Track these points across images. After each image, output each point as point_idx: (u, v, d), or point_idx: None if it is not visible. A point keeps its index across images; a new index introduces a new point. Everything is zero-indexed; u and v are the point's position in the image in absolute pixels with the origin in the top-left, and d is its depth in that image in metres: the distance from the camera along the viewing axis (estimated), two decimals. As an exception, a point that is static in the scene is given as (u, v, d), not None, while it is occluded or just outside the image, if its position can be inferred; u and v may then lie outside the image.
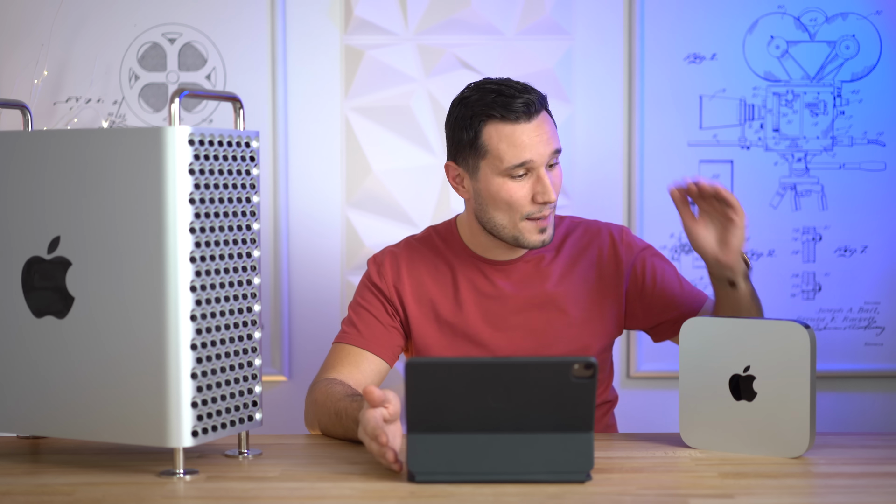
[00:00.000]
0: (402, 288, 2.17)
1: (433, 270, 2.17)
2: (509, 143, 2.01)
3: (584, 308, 2.15)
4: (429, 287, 2.16)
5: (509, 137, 2.02)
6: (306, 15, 2.83)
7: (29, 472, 1.74)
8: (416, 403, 1.59)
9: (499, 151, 2.02)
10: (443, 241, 2.20)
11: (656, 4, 2.80)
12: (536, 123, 2.02)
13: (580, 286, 2.16)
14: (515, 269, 2.15)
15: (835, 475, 1.68)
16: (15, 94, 2.78)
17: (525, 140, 2.01)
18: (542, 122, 2.04)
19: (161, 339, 1.63)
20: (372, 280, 2.19)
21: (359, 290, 2.22)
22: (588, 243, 2.19)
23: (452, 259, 2.17)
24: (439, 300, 2.15)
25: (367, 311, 2.17)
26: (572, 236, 2.20)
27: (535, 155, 2.01)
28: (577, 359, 1.57)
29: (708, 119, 2.81)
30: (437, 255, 2.18)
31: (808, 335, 1.73)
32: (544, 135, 2.02)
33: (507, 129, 2.02)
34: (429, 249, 2.19)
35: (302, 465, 1.76)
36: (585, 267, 2.17)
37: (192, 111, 2.84)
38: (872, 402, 2.86)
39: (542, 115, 2.05)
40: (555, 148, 2.05)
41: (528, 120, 2.01)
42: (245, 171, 1.73)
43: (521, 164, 2.01)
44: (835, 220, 2.82)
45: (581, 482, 1.62)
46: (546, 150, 2.03)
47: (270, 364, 2.85)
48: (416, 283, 2.17)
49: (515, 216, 2.05)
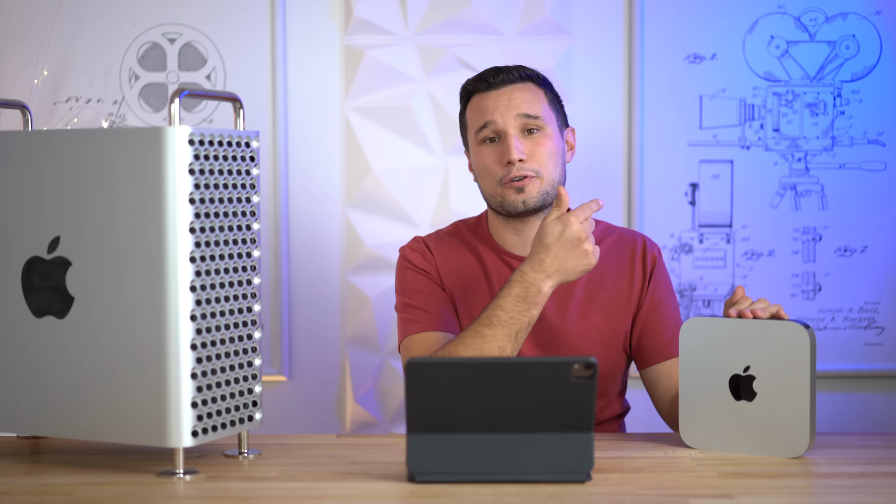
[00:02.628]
0: (441, 271, 2.18)
1: (464, 260, 2.19)
2: (476, 109, 2.13)
3: (607, 316, 2.14)
4: (462, 274, 2.18)
5: (477, 104, 2.14)
6: (306, 15, 2.83)
7: (29, 472, 1.74)
8: (416, 403, 1.59)
9: (472, 119, 2.15)
10: (472, 233, 2.22)
11: (656, 4, 2.80)
12: (505, 90, 2.11)
13: (607, 294, 2.15)
14: None
15: (835, 475, 1.68)
16: (15, 94, 2.78)
17: (489, 104, 2.11)
18: (515, 90, 2.11)
19: (161, 339, 1.63)
20: (415, 263, 2.18)
21: (403, 279, 2.18)
22: (620, 253, 2.18)
23: (482, 250, 2.19)
24: (471, 287, 2.16)
25: (424, 293, 2.15)
26: (604, 243, 2.19)
27: (497, 116, 2.10)
28: (577, 359, 1.57)
29: (708, 119, 2.81)
30: (467, 245, 2.21)
31: (808, 335, 1.73)
32: (512, 100, 2.10)
33: (477, 97, 2.14)
34: (459, 240, 2.22)
35: (302, 465, 1.76)
36: (614, 277, 2.16)
37: (192, 111, 2.84)
38: (872, 402, 2.86)
39: (519, 85, 2.12)
40: (522, 111, 2.09)
41: (498, 87, 2.12)
42: (245, 171, 1.73)
43: (484, 125, 2.11)
44: (835, 220, 2.82)
45: (581, 482, 1.62)
46: (509, 113, 2.09)
47: (270, 364, 2.85)
48: (449, 269, 2.18)
49: (493, 182, 2.11)
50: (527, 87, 2.12)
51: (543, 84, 2.16)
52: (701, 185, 2.82)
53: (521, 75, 2.13)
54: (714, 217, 2.82)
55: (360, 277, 2.84)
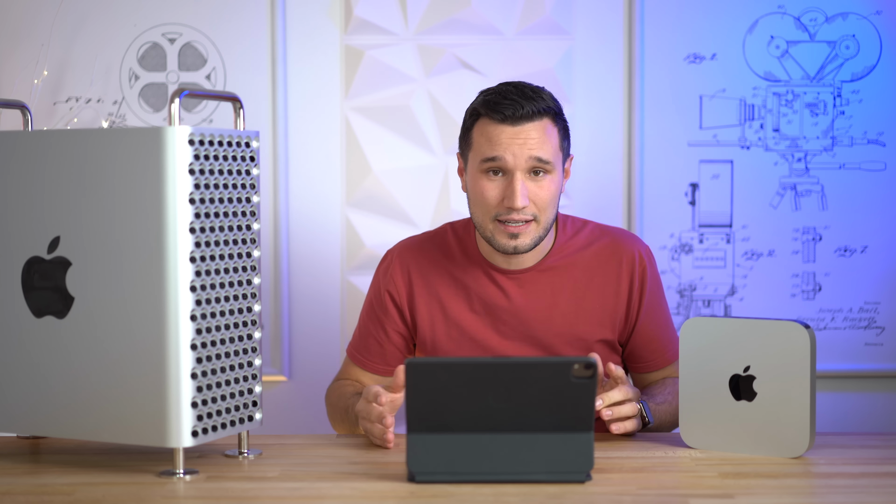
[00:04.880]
0: (411, 287, 2.18)
1: (443, 272, 2.17)
2: (487, 138, 2.06)
3: (596, 325, 2.13)
4: (438, 288, 2.16)
5: (489, 134, 2.06)
6: (306, 15, 2.83)
7: (29, 472, 1.74)
8: (416, 403, 1.59)
9: (479, 145, 2.07)
10: (458, 242, 2.19)
11: (656, 4, 2.80)
12: (522, 128, 2.03)
13: (594, 303, 2.13)
14: (527, 279, 2.13)
15: (835, 475, 1.68)
16: (15, 94, 2.78)
17: (502, 139, 2.04)
18: (531, 129, 2.03)
19: (161, 339, 1.63)
20: (379, 278, 2.23)
21: (371, 287, 2.26)
22: (608, 259, 2.15)
23: (465, 263, 2.17)
24: (449, 302, 2.15)
25: (373, 321, 2.22)
26: (593, 248, 2.16)
27: (508, 154, 2.03)
28: (577, 359, 1.57)
29: (708, 119, 2.81)
30: (451, 258, 2.18)
31: (808, 335, 1.73)
32: (526, 140, 2.03)
33: (490, 126, 2.06)
34: (442, 252, 2.19)
35: (302, 465, 1.76)
36: (600, 284, 2.14)
37: (192, 111, 2.84)
38: (872, 402, 2.86)
39: (535, 123, 2.04)
40: (535, 155, 2.02)
41: (513, 123, 2.03)
42: (245, 171, 1.73)
43: (492, 158, 2.04)
44: (835, 220, 2.82)
45: (581, 482, 1.62)
46: (521, 153, 2.03)
47: (270, 364, 2.85)
48: (426, 282, 2.17)
49: (487, 215, 2.07)
50: (543, 125, 2.04)
51: (558, 119, 2.08)
52: (701, 185, 2.82)
53: (539, 109, 2.04)
54: (714, 217, 2.82)
55: (360, 277, 2.84)
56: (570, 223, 2.19)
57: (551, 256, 2.14)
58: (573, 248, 2.15)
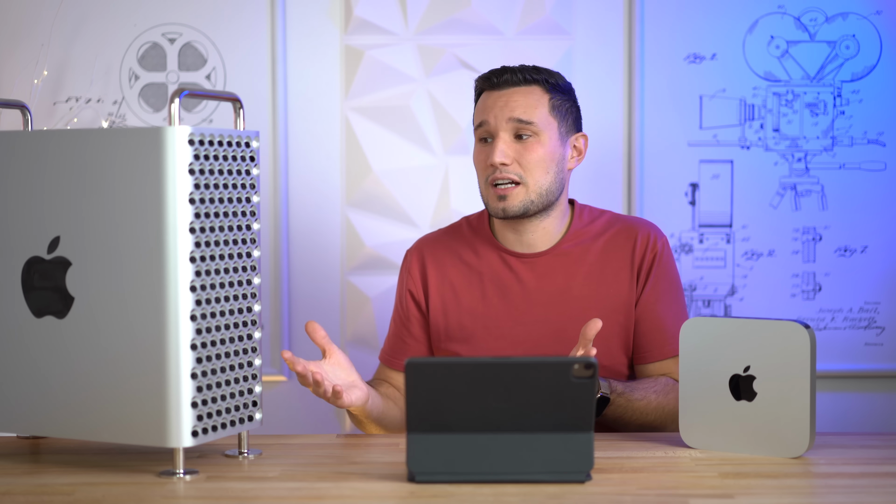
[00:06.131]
0: (426, 278, 2.23)
1: (458, 261, 2.21)
2: (479, 106, 2.16)
3: (610, 311, 2.13)
4: (452, 276, 2.20)
5: (481, 102, 2.16)
6: (306, 15, 2.83)
7: (29, 472, 1.74)
8: (416, 403, 1.59)
9: (474, 115, 2.18)
10: (473, 230, 2.24)
11: (656, 4, 2.80)
12: (505, 92, 2.12)
13: (609, 290, 2.14)
14: (540, 263, 2.16)
15: (835, 475, 1.68)
16: (15, 94, 2.78)
17: (488, 103, 2.13)
18: (515, 93, 2.11)
19: (161, 339, 1.63)
20: (401, 277, 2.29)
21: (396, 288, 2.32)
22: (622, 245, 2.17)
23: (480, 249, 2.21)
24: (462, 289, 2.18)
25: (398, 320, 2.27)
26: (608, 234, 2.18)
27: (490, 117, 2.11)
28: (577, 359, 1.57)
29: (708, 119, 2.81)
30: (465, 245, 2.22)
31: (808, 335, 1.73)
32: (508, 102, 2.10)
33: (483, 96, 2.16)
34: (457, 240, 2.24)
35: (302, 465, 1.76)
36: (615, 270, 2.15)
37: (192, 111, 2.84)
38: (872, 402, 2.86)
39: (522, 88, 2.11)
40: (515, 116, 2.08)
41: (499, 88, 2.12)
42: (245, 171, 1.73)
43: (479, 124, 2.14)
44: (835, 220, 2.82)
45: (581, 482, 1.62)
46: (502, 115, 2.09)
47: (270, 364, 2.85)
48: (440, 272, 2.21)
49: (482, 180, 2.14)
50: (529, 90, 2.11)
51: (552, 89, 2.12)
52: (701, 185, 2.82)
53: (525, 77, 2.11)
54: (714, 217, 2.82)
55: (360, 277, 2.85)
56: (588, 211, 2.22)
57: (566, 241, 2.16)
58: (589, 235, 2.17)
